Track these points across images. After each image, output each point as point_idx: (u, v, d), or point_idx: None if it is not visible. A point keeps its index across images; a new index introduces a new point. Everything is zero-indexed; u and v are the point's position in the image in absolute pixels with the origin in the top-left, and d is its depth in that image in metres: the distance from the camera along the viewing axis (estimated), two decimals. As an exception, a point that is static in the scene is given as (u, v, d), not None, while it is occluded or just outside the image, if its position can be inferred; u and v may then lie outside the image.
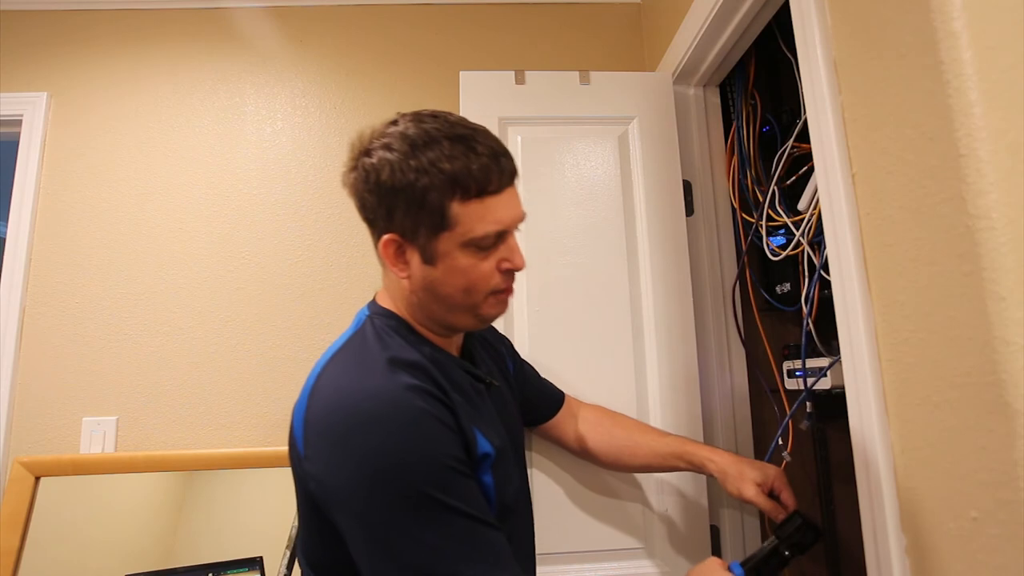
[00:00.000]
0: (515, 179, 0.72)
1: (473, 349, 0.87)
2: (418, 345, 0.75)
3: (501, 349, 0.99)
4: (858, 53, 0.73)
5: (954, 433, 0.60)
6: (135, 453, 1.35)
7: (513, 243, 0.73)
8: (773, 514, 0.87)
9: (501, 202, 0.69)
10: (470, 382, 0.78)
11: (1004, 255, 0.54)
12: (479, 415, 0.75)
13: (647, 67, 1.63)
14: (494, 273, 0.72)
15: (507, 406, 0.87)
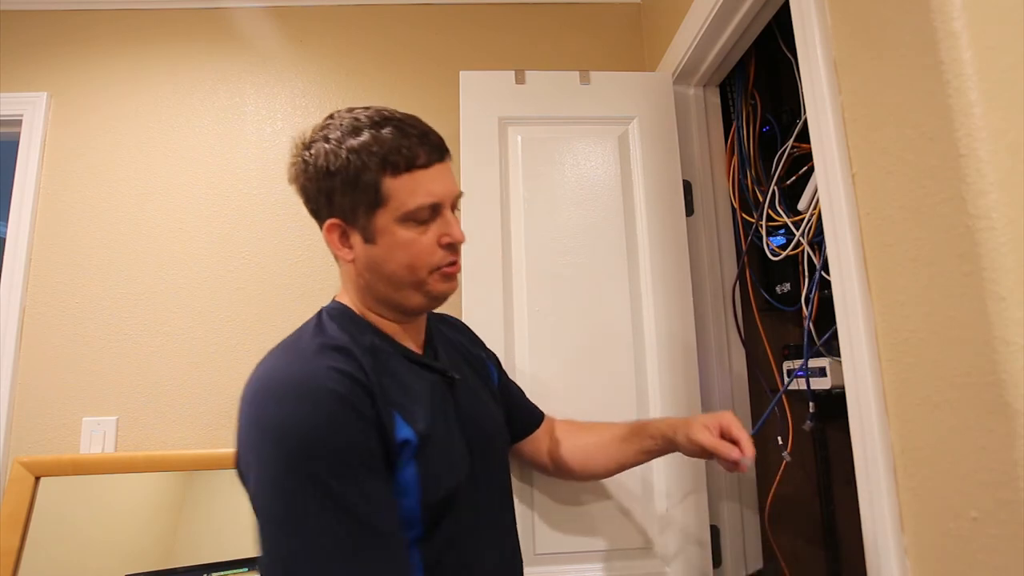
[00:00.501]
0: (446, 157, 0.77)
1: (438, 346, 0.86)
2: (356, 331, 0.75)
3: (481, 354, 0.98)
4: (858, 53, 0.73)
5: (954, 433, 0.60)
6: (135, 453, 1.35)
7: (450, 217, 0.76)
8: (724, 452, 0.79)
9: (431, 175, 0.73)
10: (415, 371, 0.76)
11: (1004, 255, 0.54)
12: (410, 401, 0.71)
13: (647, 67, 1.63)
14: (435, 248, 0.74)
15: (479, 405, 0.85)
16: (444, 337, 0.92)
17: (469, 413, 0.81)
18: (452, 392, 0.80)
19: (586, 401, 1.18)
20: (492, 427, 0.86)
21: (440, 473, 0.71)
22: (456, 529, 0.72)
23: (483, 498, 0.78)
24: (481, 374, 0.93)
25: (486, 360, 0.98)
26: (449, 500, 0.71)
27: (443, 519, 0.71)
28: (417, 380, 0.75)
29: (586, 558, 1.15)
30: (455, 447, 0.75)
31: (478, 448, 0.79)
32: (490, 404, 0.89)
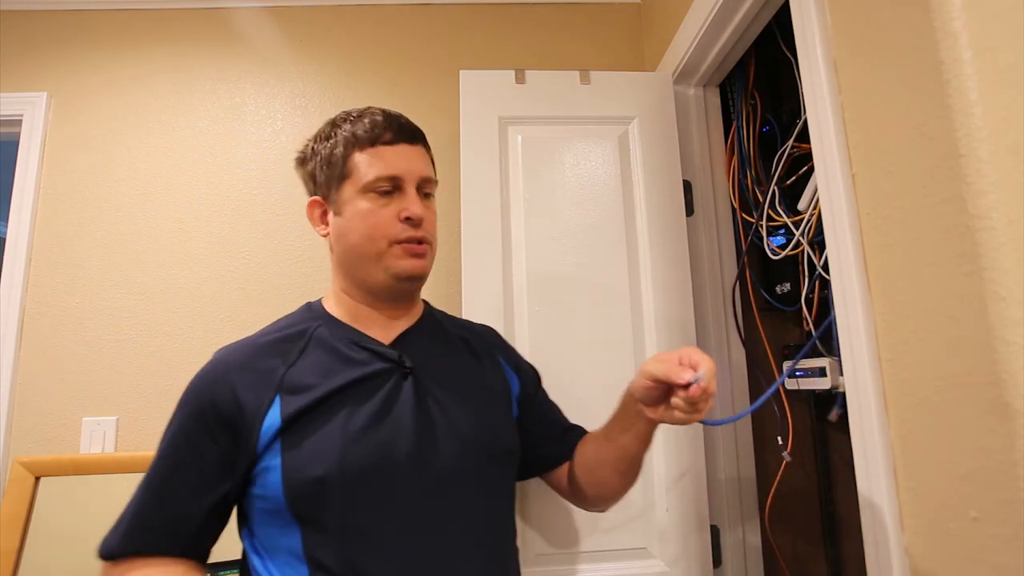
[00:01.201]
0: (417, 142, 0.81)
1: (414, 341, 0.82)
2: (302, 319, 0.82)
3: (498, 360, 0.90)
4: (858, 53, 0.73)
5: (954, 433, 0.60)
6: (135, 453, 1.35)
7: (412, 194, 0.78)
8: (674, 374, 0.67)
9: (394, 151, 0.79)
10: (353, 358, 0.76)
11: (1004, 255, 0.54)
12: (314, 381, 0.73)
13: (647, 67, 1.63)
14: (394, 221, 0.77)
15: (453, 404, 0.77)
16: (442, 333, 0.87)
17: (428, 407, 0.75)
18: (408, 383, 0.76)
19: (586, 401, 1.17)
20: (466, 427, 0.77)
21: (306, 461, 0.69)
22: (345, 525, 0.68)
23: (408, 497, 0.70)
24: (485, 378, 0.86)
25: (506, 369, 0.90)
26: (320, 490, 0.68)
27: (324, 511, 0.68)
28: (348, 366, 0.75)
29: (586, 558, 1.15)
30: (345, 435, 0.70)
31: (427, 442, 0.73)
32: (480, 409, 0.80)
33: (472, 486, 0.75)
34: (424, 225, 0.79)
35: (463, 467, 0.74)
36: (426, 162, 0.82)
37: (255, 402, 0.71)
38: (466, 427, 0.77)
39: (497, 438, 0.80)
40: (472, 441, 0.76)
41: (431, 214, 0.81)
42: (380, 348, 0.78)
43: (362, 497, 0.68)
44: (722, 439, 1.32)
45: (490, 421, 0.81)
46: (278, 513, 0.69)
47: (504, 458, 0.81)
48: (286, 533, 0.69)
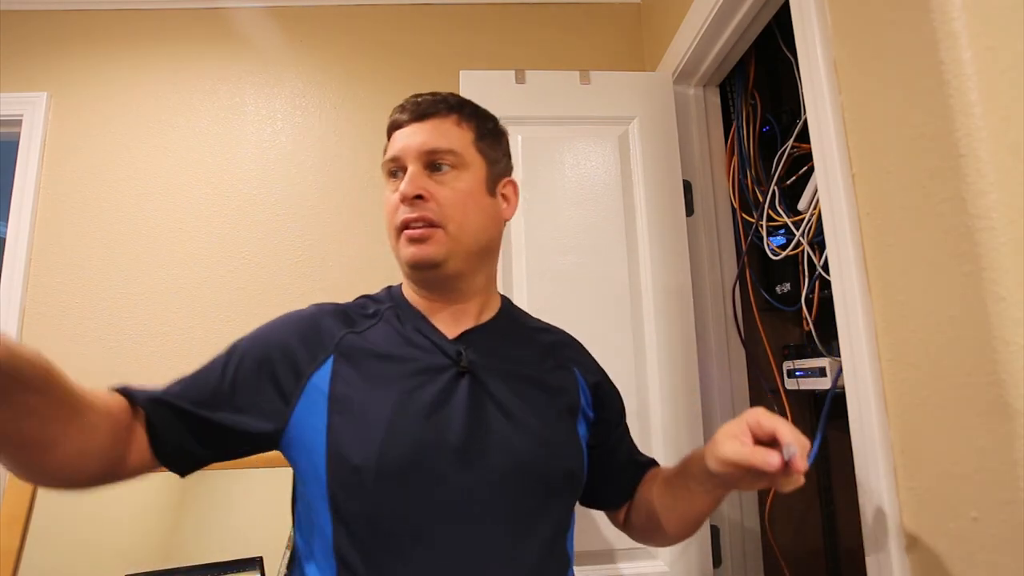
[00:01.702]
0: (428, 116, 0.74)
1: (479, 339, 0.74)
2: (380, 298, 0.79)
3: (573, 373, 0.80)
4: (858, 53, 0.73)
5: (954, 433, 0.60)
6: (135, 453, 1.35)
7: (410, 172, 0.72)
8: (759, 461, 0.57)
9: (403, 133, 0.74)
10: (413, 344, 0.72)
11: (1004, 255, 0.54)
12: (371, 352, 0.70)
13: (647, 67, 1.63)
14: (397, 205, 0.72)
15: (496, 408, 0.69)
16: (517, 335, 0.80)
17: (483, 412, 0.68)
18: (464, 382, 0.69)
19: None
20: (523, 442, 0.68)
21: (348, 438, 0.64)
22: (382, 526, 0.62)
23: (444, 507, 0.63)
24: (554, 391, 0.75)
25: (581, 383, 0.80)
26: (359, 479, 0.62)
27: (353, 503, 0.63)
28: (408, 350, 0.71)
29: (586, 558, 1.15)
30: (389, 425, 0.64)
31: (476, 450, 0.65)
32: (543, 425, 0.71)
33: (518, 507, 0.66)
34: (430, 204, 0.70)
35: (511, 484, 0.66)
36: (438, 133, 0.73)
37: (308, 357, 0.69)
38: (523, 442, 0.68)
39: (556, 458, 0.70)
40: (527, 457, 0.67)
41: (447, 191, 0.71)
42: (441, 341, 0.72)
43: (394, 497, 0.63)
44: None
45: (551, 438, 0.71)
46: (319, 492, 0.64)
47: (562, 481, 0.70)
48: (321, 516, 0.65)
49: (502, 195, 0.79)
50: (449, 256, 0.71)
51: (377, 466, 0.62)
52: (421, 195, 0.70)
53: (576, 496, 0.75)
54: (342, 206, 1.55)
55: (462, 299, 0.76)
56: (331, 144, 1.59)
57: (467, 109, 0.77)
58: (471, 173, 0.74)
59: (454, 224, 0.71)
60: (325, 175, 1.57)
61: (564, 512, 0.72)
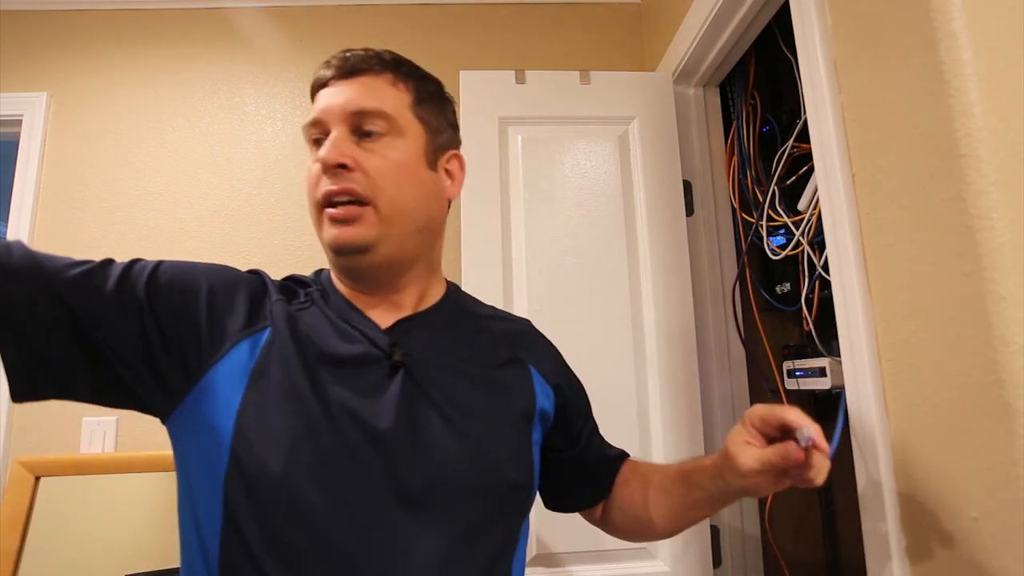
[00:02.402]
0: (357, 72, 0.63)
1: (420, 329, 0.66)
2: (308, 280, 0.71)
3: (529, 365, 0.70)
4: (858, 53, 0.73)
5: (954, 433, 0.60)
6: (135, 453, 1.35)
7: (333, 135, 0.60)
8: (790, 456, 0.54)
9: (328, 92, 0.63)
10: (343, 329, 0.62)
11: (1004, 255, 0.54)
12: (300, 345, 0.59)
13: (647, 67, 1.63)
14: (319, 176, 0.61)
15: (432, 409, 0.60)
16: (461, 326, 0.70)
17: (417, 414, 0.59)
18: (397, 379, 0.60)
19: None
20: (462, 449, 0.59)
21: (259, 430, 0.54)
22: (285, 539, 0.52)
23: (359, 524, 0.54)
24: (504, 390, 0.67)
25: (536, 380, 0.70)
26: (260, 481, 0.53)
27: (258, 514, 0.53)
28: (336, 340, 0.61)
29: (586, 558, 1.15)
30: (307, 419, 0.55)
31: (405, 457, 0.57)
32: (487, 430, 0.63)
33: (451, 525, 0.56)
34: (357, 176, 0.59)
35: (445, 498, 0.57)
36: (367, 92, 0.62)
37: (246, 318, 0.60)
38: (462, 450, 0.59)
39: (501, 470, 0.61)
40: (465, 468, 0.59)
41: (378, 159, 0.60)
42: (371, 331, 0.62)
43: (298, 507, 0.53)
44: (722, 440, 1.31)
45: (496, 448, 0.62)
46: (210, 490, 0.55)
47: (505, 497, 0.61)
48: (208, 517, 0.55)
49: (445, 170, 0.68)
50: (379, 239, 0.60)
51: (286, 466, 0.53)
52: (346, 164, 0.59)
53: (525, 512, 0.65)
54: (342, 206, 1.55)
55: (395, 290, 0.66)
56: (331, 144, 1.59)
57: (404, 68, 0.66)
58: (407, 141, 0.63)
59: (385, 199, 0.60)
60: (325, 175, 1.57)
61: (508, 532, 0.63)
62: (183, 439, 0.59)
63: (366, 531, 0.54)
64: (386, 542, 0.54)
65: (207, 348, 0.57)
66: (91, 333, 0.53)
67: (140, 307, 0.55)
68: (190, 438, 0.58)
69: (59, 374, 0.54)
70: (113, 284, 0.55)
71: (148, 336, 0.55)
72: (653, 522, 0.72)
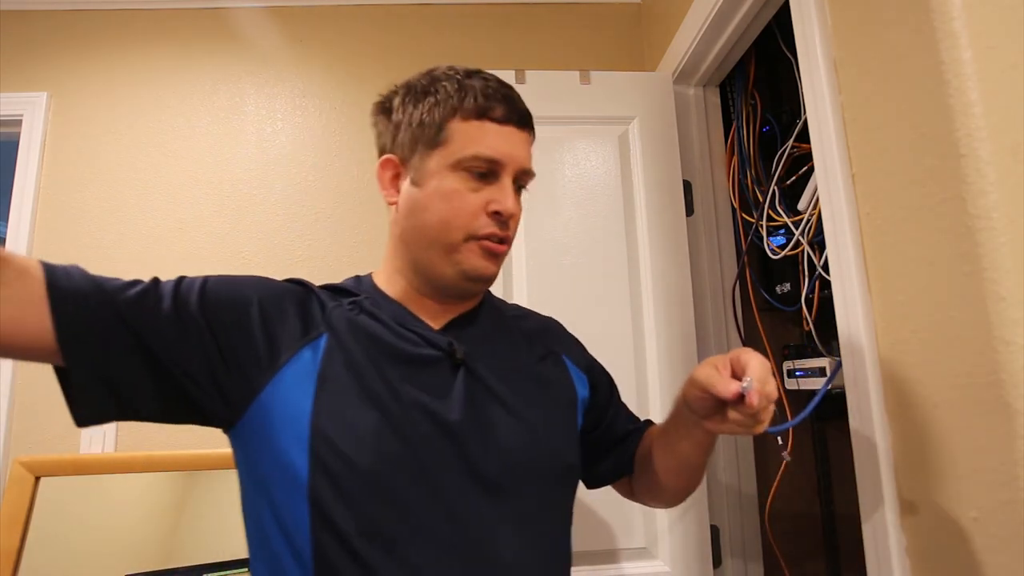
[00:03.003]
0: (525, 126, 0.68)
1: (469, 328, 0.71)
2: (349, 286, 0.72)
3: (563, 356, 0.78)
4: (858, 53, 0.73)
5: (954, 433, 0.60)
6: (135, 453, 1.35)
7: (507, 185, 0.66)
8: (719, 387, 0.57)
9: (502, 132, 0.66)
10: (399, 332, 0.66)
11: (1004, 255, 0.54)
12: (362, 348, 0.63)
13: (647, 67, 1.63)
14: (479, 211, 0.64)
15: (494, 402, 0.66)
16: (501, 324, 0.76)
17: (481, 406, 0.65)
18: (460, 376, 0.65)
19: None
20: (523, 435, 0.66)
21: (338, 428, 0.58)
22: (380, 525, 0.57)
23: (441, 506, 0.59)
24: (548, 381, 0.73)
25: (572, 370, 0.78)
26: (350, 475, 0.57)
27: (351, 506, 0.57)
28: (395, 340, 0.65)
29: (586, 558, 1.15)
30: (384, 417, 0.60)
31: (477, 445, 0.62)
32: (541, 417, 0.69)
33: (520, 503, 0.63)
34: (511, 224, 0.67)
35: (514, 480, 0.63)
36: (529, 153, 0.69)
37: (302, 327, 0.63)
38: (524, 436, 0.65)
39: (557, 452, 0.68)
40: (529, 452, 0.65)
41: (520, 213, 0.69)
42: (428, 333, 0.67)
43: (391, 493, 0.58)
44: (722, 439, 1.32)
45: (551, 432, 0.69)
46: (293, 488, 0.57)
47: (563, 474, 0.69)
48: (293, 513, 0.57)
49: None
50: (499, 272, 0.70)
51: (373, 459, 0.57)
52: (516, 215, 0.67)
53: (574, 490, 0.72)
54: (342, 206, 1.55)
55: (469, 298, 0.73)
56: (331, 144, 1.59)
57: (532, 127, 0.71)
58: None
59: (512, 243, 0.70)
60: (325, 175, 1.57)
61: (565, 509, 0.70)
62: (249, 448, 0.61)
63: (454, 515, 0.59)
64: (472, 524, 0.60)
65: (265, 359, 0.60)
66: (155, 353, 0.56)
67: (198, 325, 0.58)
68: (259, 446, 0.60)
69: (126, 394, 0.56)
70: (169, 304, 0.58)
71: (208, 352, 0.58)
72: (660, 478, 0.75)
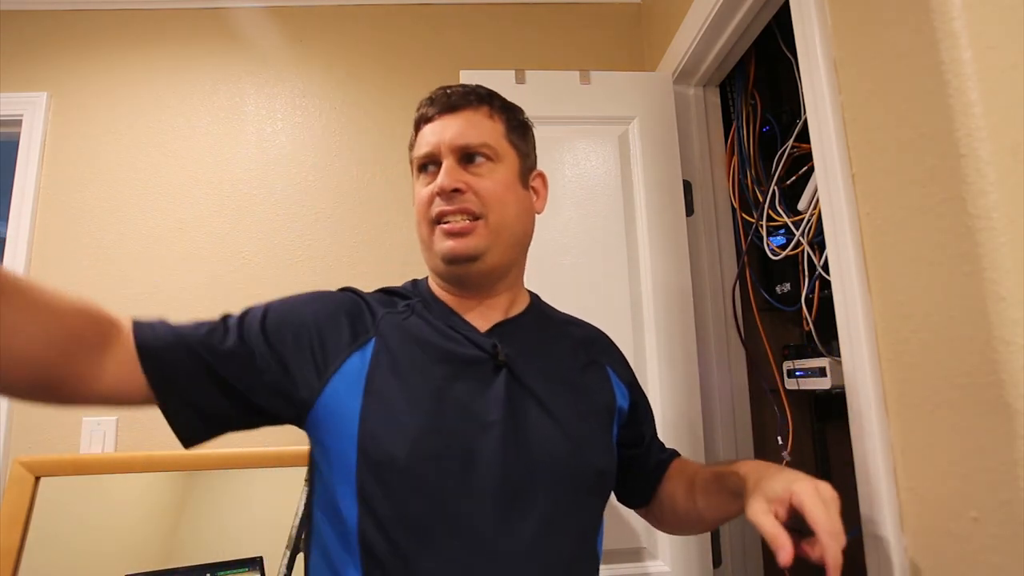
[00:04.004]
0: (459, 107, 0.73)
1: (515, 332, 0.75)
2: (405, 291, 0.78)
3: (607, 367, 0.81)
4: (858, 53, 0.73)
5: (954, 433, 0.60)
6: (135, 453, 1.35)
7: (446, 165, 0.71)
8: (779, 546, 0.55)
9: (432, 128, 0.74)
10: (447, 333, 0.71)
11: (1004, 255, 0.54)
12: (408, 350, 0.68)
13: (647, 67, 1.63)
14: (431, 197, 0.71)
15: (533, 404, 0.69)
16: (547, 330, 0.80)
17: (520, 407, 0.68)
18: (501, 377, 0.69)
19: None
20: (558, 438, 0.68)
21: (382, 426, 0.63)
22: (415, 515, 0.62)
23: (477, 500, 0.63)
24: (588, 388, 0.77)
25: (615, 382, 0.80)
26: (391, 467, 0.62)
27: (384, 489, 0.62)
28: (442, 341, 0.70)
29: (586, 558, 1.15)
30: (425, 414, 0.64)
31: (513, 445, 0.65)
32: (578, 421, 0.71)
33: (552, 502, 0.66)
34: (469, 196, 0.70)
35: (547, 479, 0.66)
36: (470, 126, 0.72)
37: (351, 334, 0.69)
38: (559, 438, 0.68)
39: (589, 457, 0.70)
40: (562, 454, 0.68)
41: (486, 182, 0.71)
42: (474, 335, 0.72)
43: (428, 487, 0.62)
44: (722, 439, 1.32)
45: (585, 437, 0.71)
46: (345, 479, 0.63)
47: (594, 480, 0.71)
48: (345, 502, 0.63)
49: (532, 188, 0.79)
50: (488, 249, 0.71)
51: (411, 455, 0.62)
52: (460, 188, 0.70)
53: (606, 496, 0.75)
54: (342, 206, 1.55)
55: (492, 294, 0.76)
56: (331, 144, 1.59)
57: (497, 101, 0.77)
58: (505, 165, 0.74)
59: (495, 215, 0.71)
60: (325, 175, 1.57)
61: (595, 511, 0.73)
62: (315, 445, 0.68)
63: (482, 506, 0.63)
64: (498, 515, 0.63)
65: (321, 367, 0.67)
66: (228, 380, 0.65)
67: (261, 350, 0.67)
68: (321, 443, 0.67)
69: (211, 415, 0.65)
70: (234, 337, 0.69)
71: (273, 371, 0.66)
72: (684, 513, 0.78)
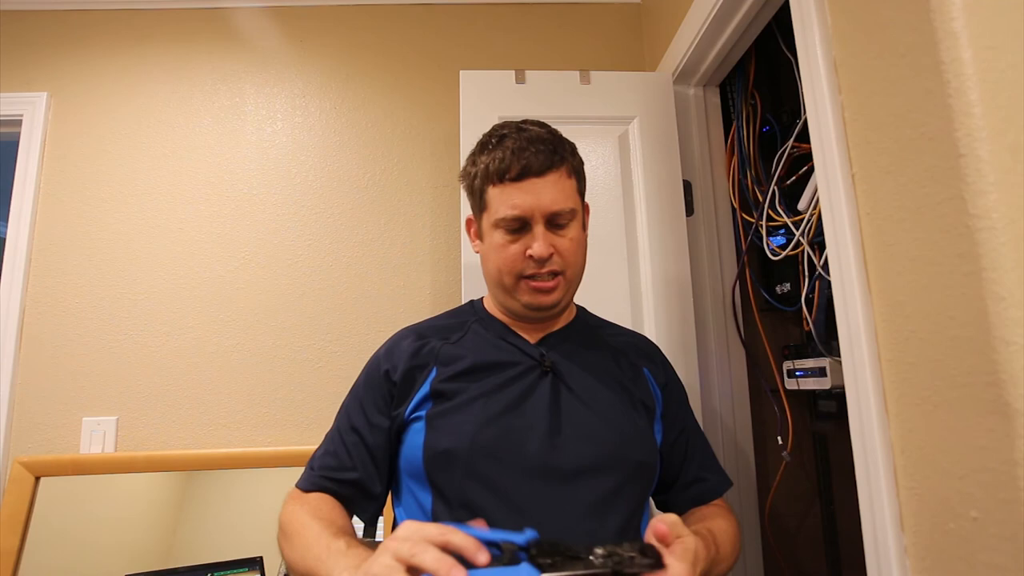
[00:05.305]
0: (545, 170, 0.78)
1: (561, 342, 0.85)
2: (461, 314, 0.90)
3: (643, 370, 0.88)
4: (858, 53, 0.73)
5: (954, 433, 0.60)
6: (135, 453, 1.35)
7: (537, 231, 0.78)
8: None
9: (519, 189, 0.78)
10: (501, 348, 0.82)
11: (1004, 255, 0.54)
12: (465, 355, 0.81)
13: (647, 67, 1.63)
14: (519, 257, 0.79)
15: (574, 404, 0.78)
16: (591, 339, 0.89)
17: (562, 407, 0.77)
18: (546, 381, 0.79)
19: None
20: (599, 433, 0.76)
21: (443, 432, 0.75)
22: (464, 499, 0.72)
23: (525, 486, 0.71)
24: (627, 389, 0.83)
25: (651, 383, 0.87)
26: (448, 461, 0.73)
27: (449, 480, 0.73)
28: (495, 354, 0.81)
29: (586, 558, 1.15)
30: (480, 415, 0.75)
31: (555, 440, 0.74)
32: (617, 418, 0.79)
33: (597, 489, 0.73)
34: (555, 258, 0.79)
35: (591, 467, 0.73)
36: (557, 190, 0.78)
37: (416, 372, 0.80)
38: (601, 430, 0.76)
39: (630, 447, 0.77)
40: (604, 444, 0.75)
41: (567, 242, 0.79)
42: (524, 345, 0.83)
43: (482, 476, 0.72)
44: (722, 439, 1.32)
45: (626, 429, 0.78)
46: (418, 476, 0.75)
47: (636, 470, 0.77)
48: (422, 494, 0.75)
49: (584, 222, 0.86)
50: (564, 296, 0.81)
51: (470, 448, 0.72)
52: (548, 254, 0.78)
53: (650, 486, 0.81)
54: (342, 206, 1.55)
55: (551, 319, 0.86)
56: (331, 144, 1.59)
57: (570, 155, 0.82)
58: (578, 220, 0.82)
59: (572, 270, 0.81)
60: (325, 175, 1.57)
61: (638, 499, 0.78)
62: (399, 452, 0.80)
63: (533, 492, 0.71)
64: (548, 500, 0.71)
65: (399, 401, 0.80)
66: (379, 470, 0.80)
67: (375, 424, 0.80)
68: (402, 452, 0.79)
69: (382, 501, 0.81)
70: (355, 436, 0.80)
71: (383, 423, 0.80)
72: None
